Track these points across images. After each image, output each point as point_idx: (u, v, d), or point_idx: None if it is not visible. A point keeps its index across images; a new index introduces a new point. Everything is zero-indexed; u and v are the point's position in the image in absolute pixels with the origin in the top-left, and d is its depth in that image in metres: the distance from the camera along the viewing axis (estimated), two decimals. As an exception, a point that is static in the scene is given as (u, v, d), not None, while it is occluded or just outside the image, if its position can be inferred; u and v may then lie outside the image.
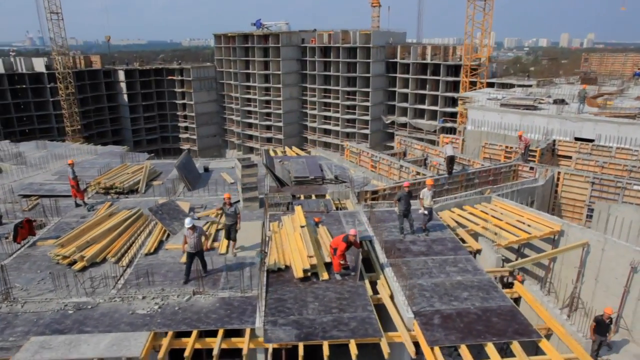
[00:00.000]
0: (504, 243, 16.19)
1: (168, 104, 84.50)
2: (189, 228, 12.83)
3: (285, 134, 79.89)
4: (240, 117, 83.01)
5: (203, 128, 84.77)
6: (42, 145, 29.61)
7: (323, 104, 78.57)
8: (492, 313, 11.77)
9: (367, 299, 12.50)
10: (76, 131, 69.77)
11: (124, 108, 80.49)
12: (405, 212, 15.71)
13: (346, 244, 13.12)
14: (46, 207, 18.48)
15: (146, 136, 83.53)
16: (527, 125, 30.87)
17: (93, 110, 76.99)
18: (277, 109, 79.43)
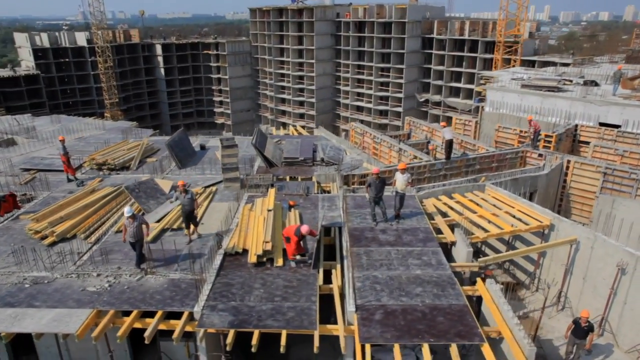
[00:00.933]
0: (482, 236, 15.34)
1: (204, 78, 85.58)
2: (129, 217, 12.64)
3: (318, 110, 79.31)
4: (274, 92, 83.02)
5: (237, 103, 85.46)
6: (56, 119, 30.73)
7: (356, 81, 77.18)
8: (439, 312, 11.21)
9: (314, 289, 12.21)
10: (114, 104, 72.10)
11: (161, 82, 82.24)
12: (376, 199, 15.14)
13: (297, 237, 12.82)
14: (43, 181, 19.20)
15: (182, 110, 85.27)
16: (548, 108, 28.96)
17: (131, 84, 79.18)
18: (310, 85, 78.75)
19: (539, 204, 20.12)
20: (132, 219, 12.66)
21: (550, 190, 21.53)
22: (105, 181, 19.42)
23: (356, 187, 18.59)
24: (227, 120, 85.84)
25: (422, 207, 16.91)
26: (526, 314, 16.12)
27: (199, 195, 17.68)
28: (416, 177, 20.80)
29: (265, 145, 20.93)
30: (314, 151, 22.02)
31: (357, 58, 75.67)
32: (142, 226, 12.73)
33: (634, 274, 13.93)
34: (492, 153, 22.68)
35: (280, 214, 15.75)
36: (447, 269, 12.98)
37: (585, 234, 15.32)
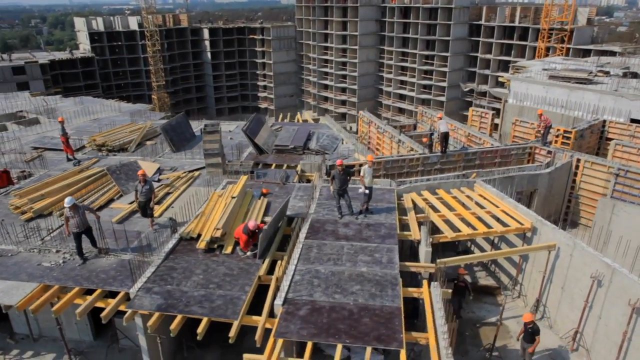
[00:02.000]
0: (451, 236, 14.55)
1: (249, 63, 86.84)
2: (70, 208, 12.31)
3: (360, 97, 78.36)
4: (317, 78, 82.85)
5: (280, 88, 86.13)
6: (80, 101, 32.24)
7: (400, 68, 75.39)
8: (368, 313, 10.79)
9: (252, 279, 12.13)
10: (161, 86, 74.74)
11: (207, 65, 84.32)
12: (340, 191, 14.71)
13: (247, 236, 12.75)
14: (47, 159, 20.30)
15: (227, 93, 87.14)
16: (574, 101, 26.91)
17: (179, 67, 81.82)
18: (353, 72, 77.85)
19: (539, 205, 18.95)
20: (74, 209, 12.50)
21: (555, 191, 20.05)
22: (101, 162, 20.21)
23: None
24: (270, 105, 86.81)
25: (397, 202, 16.29)
26: (499, 320, 15.21)
27: (180, 179, 18.02)
28: (408, 170, 20.09)
29: (259, 132, 20.93)
30: (308, 139, 21.74)
31: (401, 45, 73.81)
32: (86, 213, 12.80)
33: (610, 287, 12.73)
34: (495, 148, 21.38)
35: (248, 202, 15.73)
36: (396, 268, 12.45)
37: (565, 241, 14.14)
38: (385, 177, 19.78)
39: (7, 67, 62.96)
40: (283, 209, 14.56)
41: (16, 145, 21.86)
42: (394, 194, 16.76)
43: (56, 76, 68.80)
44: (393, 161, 19.82)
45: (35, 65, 64.56)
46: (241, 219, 14.71)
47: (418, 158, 20.05)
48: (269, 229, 13.41)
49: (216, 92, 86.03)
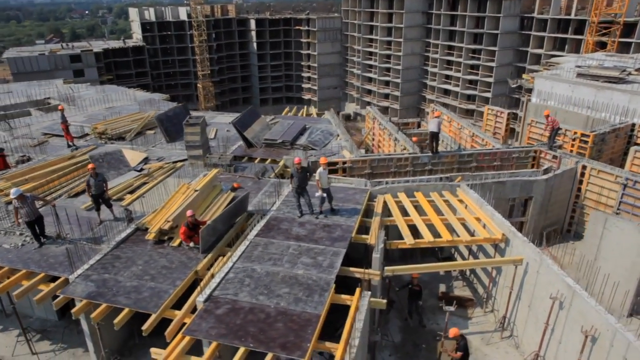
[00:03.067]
0: (410, 243, 13.80)
1: (294, 54, 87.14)
2: (16, 198, 12.47)
3: (403, 91, 76.57)
4: (361, 70, 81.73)
5: (324, 79, 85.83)
6: (101, 89, 33.57)
7: (445, 62, 72.77)
8: (285, 317, 10.46)
9: (187, 274, 12.12)
10: (206, 75, 76.60)
11: (253, 56, 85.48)
12: (299, 190, 14.36)
13: (186, 228, 12.75)
14: (52, 145, 21.34)
15: (271, 84, 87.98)
16: (601, 102, 24.74)
17: (226, 57, 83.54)
18: (397, 65, 76.07)
19: (534, 214, 17.70)
20: (22, 199, 12.69)
21: (556, 200, 18.52)
22: (98, 149, 20.95)
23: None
24: (314, 97, 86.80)
25: (368, 203, 15.70)
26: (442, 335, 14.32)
27: (162, 169, 18.32)
28: (396, 170, 19.32)
29: (251, 126, 20.86)
30: (300, 134, 21.40)
31: (447, 38, 71.18)
32: (34, 202, 13.22)
33: (570, 310, 11.61)
34: (494, 150, 20.05)
35: (214, 196, 15.73)
36: (333, 273, 11.97)
37: (533, 256, 13.04)
38: (371, 176, 19.15)
39: (66, 55, 66.89)
40: (238, 205, 14.41)
41: (29, 130, 23.13)
42: (366, 195, 16.14)
43: (109, 64, 72.34)
44: (379, 160, 19.10)
45: (90, 53, 68.13)
46: (201, 212, 14.74)
47: (407, 158, 19.19)
48: (214, 224, 13.32)
49: (261, 82, 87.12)
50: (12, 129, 22.59)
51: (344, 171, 18.96)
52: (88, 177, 14.57)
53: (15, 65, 63.38)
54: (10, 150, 20.59)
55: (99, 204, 14.78)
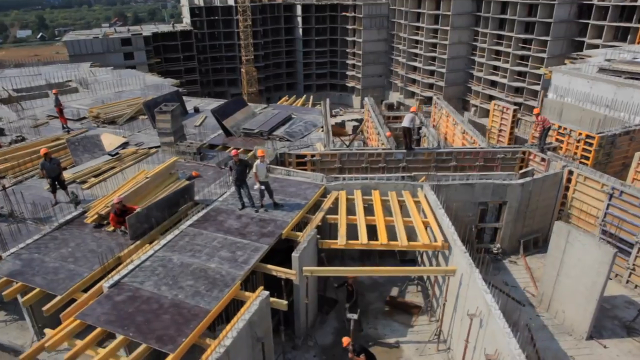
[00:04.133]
0: (341, 244, 13.30)
1: (339, 41, 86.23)
2: None
3: (447, 82, 73.74)
4: (406, 59, 79.55)
5: (369, 67, 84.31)
6: (117, 74, 34.73)
7: (493, 52, 69.14)
8: (175, 310, 10.46)
9: (107, 258, 12.39)
10: (250, 61, 77.55)
11: (299, 42, 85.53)
12: (237, 182, 14.23)
13: (114, 214, 13.02)
14: (50, 127, 22.49)
15: (316, 70, 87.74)
16: (621, 100, 22.52)
17: (271, 43, 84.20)
18: (443, 54, 73.26)
19: (510, 220, 16.56)
20: None
21: (536, 206, 17.12)
22: (89, 132, 21.81)
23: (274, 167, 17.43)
24: (357, 85, 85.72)
25: (313, 199, 15.30)
26: (398, 342, 13.74)
27: (135, 154, 18.81)
28: (368, 166, 18.67)
29: (232, 115, 20.89)
30: (281, 125, 21.15)
31: (497, 26, 67.46)
32: None
33: (487, 328, 10.76)
34: (477, 149, 18.79)
35: (168, 183, 15.96)
36: (244, 269, 11.80)
37: (465, 267, 12.18)
38: (340, 171, 18.64)
39: (117, 38, 70.13)
40: (178, 194, 14.52)
41: (36, 112, 24.51)
42: (318, 191, 15.73)
43: (158, 47, 75.07)
44: (350, 154, 18.51)
45: (140, 37, 71.01)
46: (150, 198, 15.00)
47: (380, 153, 18.45)
48: (146, 211, 13.50)
49: (305, 68, 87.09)
50: (23, 110, 24.00)
51: (313, 164, 18.57)
52: (42, 160, 15.19)
53: (72, 48, 67.29)
54: (12, 130, 21.94)
55: (55, 186, 15.42)
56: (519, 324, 14.20)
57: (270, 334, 11.31)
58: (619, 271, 16.02)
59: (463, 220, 16.77)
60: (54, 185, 15.36)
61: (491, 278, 16.32)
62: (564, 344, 13.60)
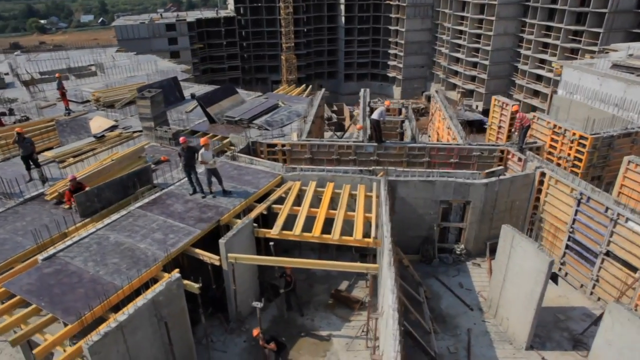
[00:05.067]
0: (274, 233, 13.45)
1: (382, 30, 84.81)
2: None
3: (490, 74, 70.88)
4: (449, 50, 77.11)
5: (411, 57, 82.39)
6: (135, 60, 35.95)
7: (541, 45, 65.59)
8: (92, 285, 11.06)
9: (52, 234, 13.21)
10: (290, 48, 78.07)
11: (341, 30, 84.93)
12: (186, 167, 14.66)
13: (68, 191, 13.83)
14: (57, 109, 23.95)
15: (357, 59, 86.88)
16: (630, 99, 20.93)
17: (313, 30, 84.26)
18: (486, 45, 70.36)
19: (474, 221, 16.10)
20: None
21: (505, 208, 16.40)
22: (88, 114, 23.03)
23: (239, 155, 17.72)
24: (399, 75, 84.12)
25: (265, 188, 15.49)
26: (330, 336, 13.78)
27: (119, 137, 19.75)
28: (338, 158, 18.59)
29: (219, 102, 21.36)
30: (264, 113, 21.36)
31: (546, 17, 63.86)
32: None
33: (387, 332, 10.61)
34: (451, 146, 18.15)
35: (134, 165, 16.69)
36: (168, 251, 12.24)
37: (385, 267, 11.97)
38: (311, 162, 18.68)
39: (162, 24, 72.72)
40: (132, 176, 15.15)
41: (48, 94, 26.13)
42: (273, 180, 15.90)
43: (202, 33, 77.15)
44: (320, 146, 18.48)
45: (184, 23, 73.23)
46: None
47: (350, 146, 18.29)
48: (97, 191, 14.23)
49: (346, 57, 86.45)
50: (39, 92, 25.68)
51: (283, 154, 18.71)
52: (16, 139, 16.30)
53: (121, 33, 70.59)
54: (22, 110, 23.60)
55: (29, 164, 16.53)
56: (461, 328, 13.92)
57: (183, 315, 11.71)
58: (585, 282, 15.14)
59: (424, 218, 16.44)
60: (28, 162, 16.46)
61: (448, 279, 16.04)
62: (502, 352, 13.12)
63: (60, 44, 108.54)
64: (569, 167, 20.05)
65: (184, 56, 74.74)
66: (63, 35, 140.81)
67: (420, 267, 16.58)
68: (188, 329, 12.03)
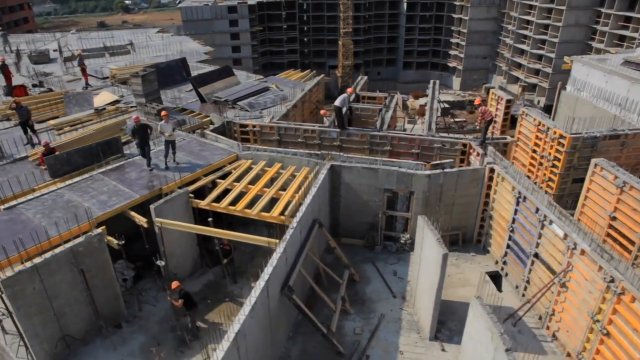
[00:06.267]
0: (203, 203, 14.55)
1: (445, 17, 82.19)
2: None
3: (555, 68, 66.39)
4: (513, 40, 73.21)
5: (473, 47, 79.22)
6: (167, 41, 37.77)
7: (616, 37, 60.49)
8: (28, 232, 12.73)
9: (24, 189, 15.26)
10: (348, 33, 78.06)
11: (402, 16, 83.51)
12: (140, 144, 16.07)
13: (42, 154, 15.87)
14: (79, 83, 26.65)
15: (417, 47, 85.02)
16: (633, 99, 19.50)
17: (374, 16, 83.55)
18: (554, 37, 66.03)
19: (419, 211, 16.26)
20: None
21: (452, 202, 16.24)
22: (102, 89, 25.33)
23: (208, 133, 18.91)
24: (459, 65, 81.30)
25: (216, 164, 16.62)
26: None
27: (117, 110, 21.79)
28: (302, 141, 19.27)
29: (212, 83, 22.75)
30: (250, 95, 22.41)
31: (625, 6, 58.63)
32: None
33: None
34: (412, 136, 18.09)
35: (111, 136, 18.53)
36: (104, 210, 13.81)
37: (281, 243, 12.67)
38: (279, 143, 19.50)
39: (224, 6, 75.71)
40: (102, 145, 16.86)
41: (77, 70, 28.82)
42: (225, 157, 17.01)
43: (262, 16, 79.45)
44: (287, 129, 19.24)
45: (245, 5, 75.79)
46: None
47: (314, 130, 18.87)
48: (67, 155, 16.13)
49: (407, 44, 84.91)
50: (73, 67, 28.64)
51: (254, 134, 19.70)
52: (13, 105, 18.68)
53: (185, 14, 74.58)
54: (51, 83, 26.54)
55: (26, 129, 18.88)
56: (376, 313, 14.36)
57: (107, 266, 13.21)
58: (519, 282, 14.82)
59: (369, 205, 16.77)
60: (25, 127, 18.85)
61: (385, 266, 16.39)
62: (406, 339, 13.40)
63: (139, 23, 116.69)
64: (549, 167, 19.25)
65: (243, 38, 77.57)
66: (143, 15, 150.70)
67: (363, 252, 16.98)
68: (112, 278, 13.55)
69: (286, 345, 13.36)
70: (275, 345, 12.58)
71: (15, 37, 43.02)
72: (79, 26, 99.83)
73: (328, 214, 17.01)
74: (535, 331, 13.54)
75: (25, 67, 29.08)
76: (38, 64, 30.48)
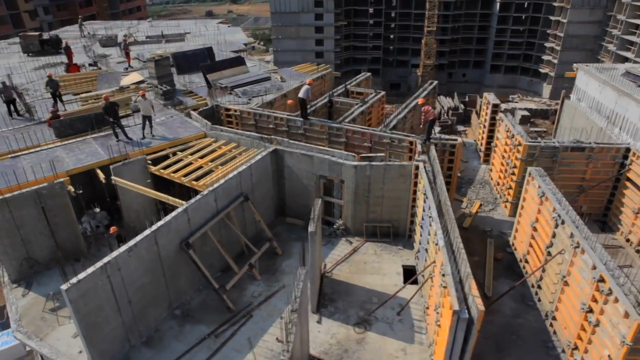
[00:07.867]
0: (154, 169, 17.04)
1: (542, 19, 76.91)
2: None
3: (659, 80, 59.51)
4: (617, 47, 66.67)
5: (568, 53, 73.18)
6: (218, 31, 40.93)
7: None
8: (18, 172, 16.45)
9: (28, 145, 19.10)
10: (431, 32, 76.98)
11: (494, 17, 79.89)
12: (114, 122, 18.90)
13: (49, 118, 19.57)
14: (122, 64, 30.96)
15: (508, 50, 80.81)
16: (618, 113, 18.38)
17: (464, 15, 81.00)
18: (660, 44, 59.20)
19: (349, 200, 17.56)
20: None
21: (382, 195, 16.91)
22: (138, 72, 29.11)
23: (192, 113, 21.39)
24: (552, 71, 75.79)
25: (185, 138, 19.08)
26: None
27: (137, 89, 25.30)
28: (274, 127, 20.98)
29: (221, 70, 25.37)
30: (249, 84, 24.54)
31: None
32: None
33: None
34: (365, 130, 18.85)
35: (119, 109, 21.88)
36: (76, 165, 16.97)
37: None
38: (255, 128, 21.41)
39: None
40: (99, 115, 20.14)
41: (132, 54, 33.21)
42: (193, 133, 19.44)
43: (348, 11, 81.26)
44: (262, 115, 21.09)
45: (331, 0, 78.09)
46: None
47: (282, 118, 20.50)
48: (70, 121, 19.68)
49: (496, 47, 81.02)
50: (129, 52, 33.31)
51: (235, 118, 21.84)
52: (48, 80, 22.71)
53: (274, 6, 78.96)
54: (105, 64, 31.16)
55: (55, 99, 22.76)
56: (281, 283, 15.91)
57: (67, 209, 16.24)
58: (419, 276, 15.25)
59: (308, 189, 18.12)
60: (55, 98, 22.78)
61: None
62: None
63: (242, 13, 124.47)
64: (509, 174, 18.95)
65: (327, 32, 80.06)
66: (247, 6, 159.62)
67: (300, 231, 18.29)
68: (73, 220, 16.60)
69: (192, 295, 15.38)
70: (173, 290, 14.62)
71: (99, 24, 49.87)
72: (190, 15, 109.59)
73: (276, 194, 18.65)
74: (415, 322, 14.06)
75: (92, 50, 34.36)
76: (106, 47, 35.69)
